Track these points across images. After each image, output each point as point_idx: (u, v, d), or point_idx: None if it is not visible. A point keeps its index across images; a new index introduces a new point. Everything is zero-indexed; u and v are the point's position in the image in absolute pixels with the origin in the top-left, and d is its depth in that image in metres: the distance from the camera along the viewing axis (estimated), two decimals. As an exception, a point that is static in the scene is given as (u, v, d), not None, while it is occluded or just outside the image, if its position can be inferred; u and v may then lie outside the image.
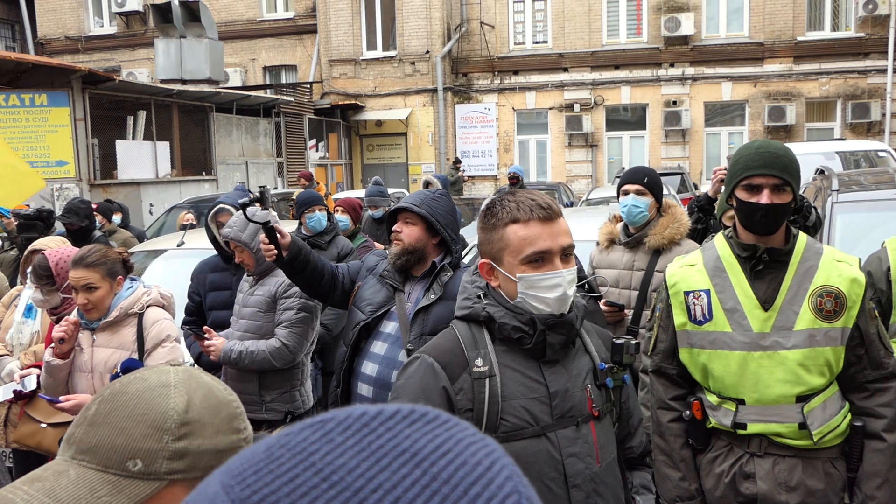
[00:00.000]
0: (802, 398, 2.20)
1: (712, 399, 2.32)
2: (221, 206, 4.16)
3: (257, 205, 3.05)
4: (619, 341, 1.89)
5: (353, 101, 18.28)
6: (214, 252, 4.26)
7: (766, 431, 2.23)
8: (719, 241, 2.38)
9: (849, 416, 2.24)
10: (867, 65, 16.82)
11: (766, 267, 2.24)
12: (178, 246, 5.53)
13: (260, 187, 3.20)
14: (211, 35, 15.67)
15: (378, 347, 3.12)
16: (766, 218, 2.18)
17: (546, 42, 18.40)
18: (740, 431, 2.25)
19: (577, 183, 17.54)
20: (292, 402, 3.71)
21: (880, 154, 9.70)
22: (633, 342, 1.89)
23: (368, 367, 3.10)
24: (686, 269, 2.39)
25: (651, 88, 17.86)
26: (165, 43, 15.45)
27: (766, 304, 2.22)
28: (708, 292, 2.30)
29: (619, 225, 3.69)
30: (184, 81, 14.93)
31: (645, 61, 17.84)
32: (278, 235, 2.92)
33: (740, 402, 2.25)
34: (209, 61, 15.38)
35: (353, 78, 18.60)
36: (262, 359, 3.54)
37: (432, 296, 3.03)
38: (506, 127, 18.66)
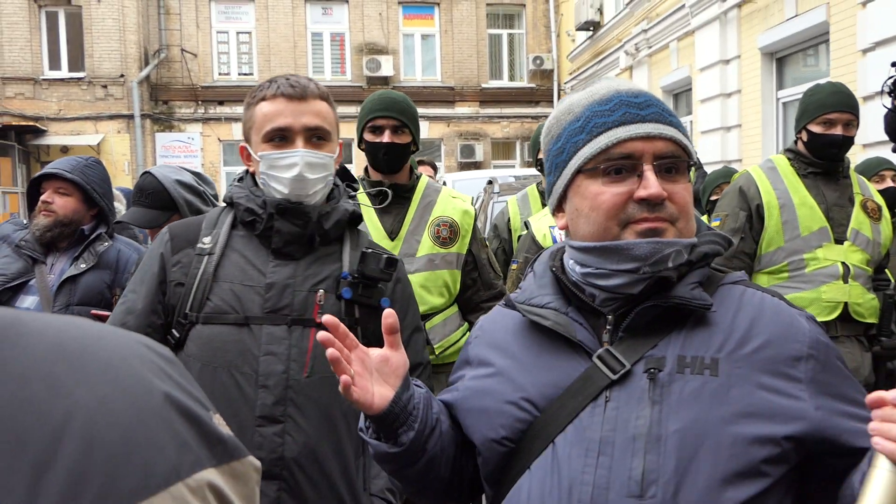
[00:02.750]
0: (425, 317, 2.43)
1: None
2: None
3: None
4: (368, 250, 1.70)
5: (32, 124, 16.36)
6: None
7: None
8: None
9: (467, 333, 2.53)
10: (538, 111, 19.33)
11: (392, 202, 2.46)
12: None
13: None
14: None
15: (14, 327, 2.83)
16: (388, 156, 2.41)
17: (252, 74, 18.27)
18: None
19: (287, 214, 17.52)
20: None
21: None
22: (386, 257, 1.68)
23: (2, 350, 2.80)
24: None
25: (355, 124, 18.59)
26: None
27: (392, 234, 2.44)
28: None
29: None
30: None
31: (350, 98, 18.53)
32: None
33: None
34: None
35: (33, 99, 16.70)
36: None
37: (83, 265, 2.88)
38: (211, 157, 18.08)
